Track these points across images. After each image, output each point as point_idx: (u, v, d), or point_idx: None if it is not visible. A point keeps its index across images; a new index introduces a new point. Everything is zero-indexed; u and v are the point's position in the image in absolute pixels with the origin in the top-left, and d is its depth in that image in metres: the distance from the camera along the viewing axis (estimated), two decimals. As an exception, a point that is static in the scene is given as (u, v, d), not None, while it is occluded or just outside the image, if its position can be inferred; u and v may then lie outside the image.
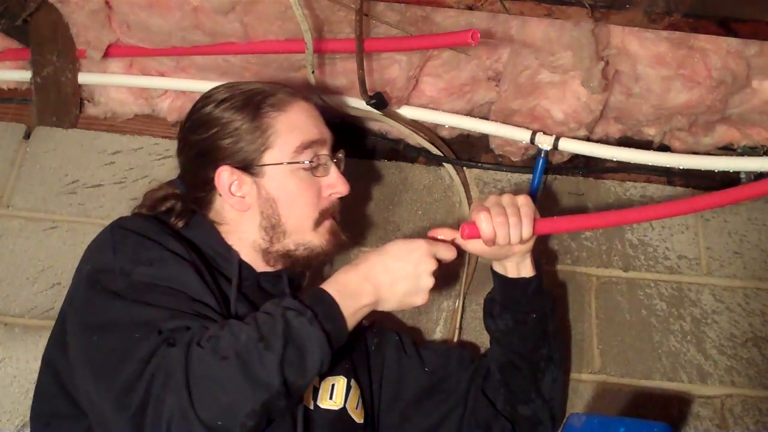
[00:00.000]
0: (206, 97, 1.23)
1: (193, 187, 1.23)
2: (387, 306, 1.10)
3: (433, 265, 1.11)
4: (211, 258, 1.17)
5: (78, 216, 1.68)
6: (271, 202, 1.18)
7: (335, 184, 1.23)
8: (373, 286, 1.07)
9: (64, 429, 1.07)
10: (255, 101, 1.19)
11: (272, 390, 0.93)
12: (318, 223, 1.21)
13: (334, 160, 1.24)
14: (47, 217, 1.68)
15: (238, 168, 1.18)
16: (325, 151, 1.23)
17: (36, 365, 1.50)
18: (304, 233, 1.20)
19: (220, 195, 1.19)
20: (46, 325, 1.56)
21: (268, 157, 1.18)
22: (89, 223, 1.67)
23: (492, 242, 1.16)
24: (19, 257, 1.63)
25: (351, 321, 1.05)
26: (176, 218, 1.21)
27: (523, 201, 1.18)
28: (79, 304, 1.05)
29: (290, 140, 1.19)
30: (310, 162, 1.19)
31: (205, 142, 1.19)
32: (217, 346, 0.93)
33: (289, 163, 1.18)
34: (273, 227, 1.18)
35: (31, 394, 1.47)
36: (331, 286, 1.05)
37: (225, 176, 1.17)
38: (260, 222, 1.19)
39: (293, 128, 1.20)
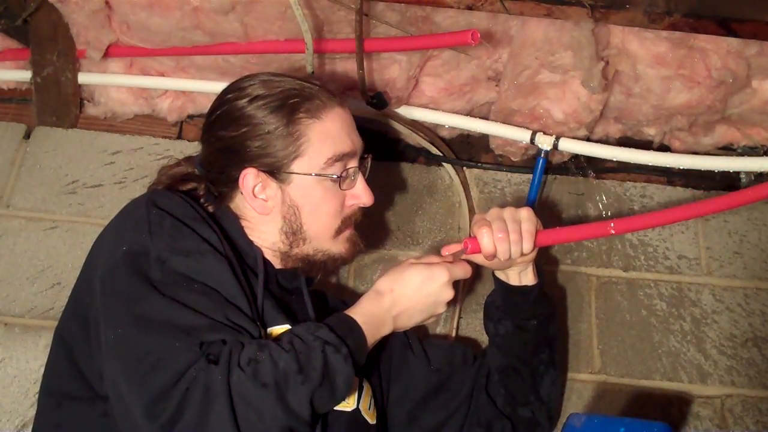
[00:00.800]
0: (240, 89, 1.17)
1: (216, 180, 1.20)
2: (405, 327, 1.15)
3: (451, 296, 1.14)
4: (239, 248, 1.16)
5: (78, 216, 1.68)
6: (295, 209, 1.16)
7: (360, 196, 1.22)
8: (394, 319, 1.11)
9: (76, 410, 1.06)
10: (291, 104, 1.15)
11: (301, 420, 0.96)
12: (339, 232, 1.20)
13: (361, 168, 1.23)
14: (47, 217, 1.68)
15: (264, 171, 1.15)
16: (354, 163, 1.20)
17: (36, 365, 1.52)
18: (324, 241, 1.19)
19: (242, 194, 1.17)
20: (46, 325, 1.56)
21: (296, 166, 1.15)
22: (89, 223, 1.67)
23: (493, 257, 1.16)
24: (19, 257, 1.63)
25: (371, 344, 1.09)
26: (205, 202, 1.20)
27: (525, 215, 1.18)
28: (115, 288, 1.01)
29: (322, 151, 1.16)
30: (338, 176, 1.17)
31: (233, 140, 1.15)
32: (257, 373, 0.94)
33: (317, 174, 1.16)
34: (294, 233, 1.17)
35: (31, 394, 1.49)
36: (359, 317, 1.07)
37: (250, 179, 1.15)
38: (281, 226, 1.17)
39: (326, 139, 1.16)
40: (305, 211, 1.17)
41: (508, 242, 1.15)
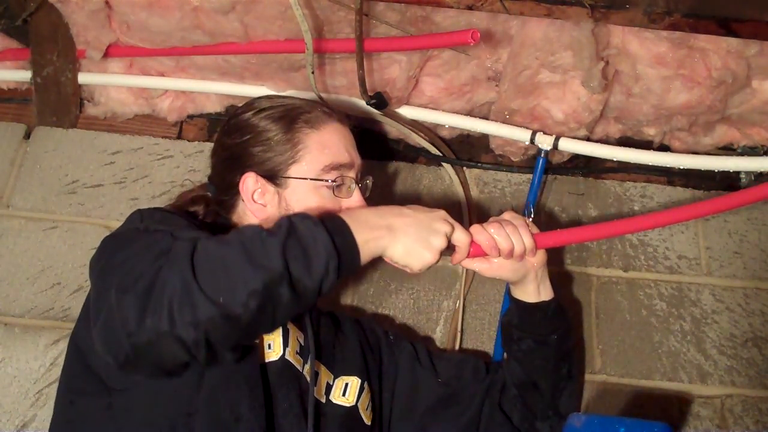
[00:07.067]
0: (247, 105, 1.27)
1: (219, 189, 1.25)
2: (397, 248, 1.06)
3: (448, 227, 1.10)
4: None
5: (78, 216, 1.68)
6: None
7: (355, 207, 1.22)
8: (386, 222, 1.05)
9: (85, 405, 1.07)
10: (291, 114, 1.21)
11: (273, 271, 0.93)
12: None
13: (360, 185, 1.24)
14: (47, 217, 1.68)
15: (263, 176, 1.19)
16: (351, 174, 1.22)
17: (36, 365, 1.52)
18: None
19: (243, 200, 1.21)
20: (46, 325, 1.56)
21: (294, 171, 1.19)
22: (89, 223, 1.67)
23: (495, 250, 1.17)
24: (19, 257, 1.63)
25: (363, 246, 1.02)
26: (203, 217, 1.24)
27: (509, 215, 1.21)
28: (101, 249, 1.05)
29: (319, 158, 1.19)
30: (333, 181, 1.19)
31: (236, 147, 1.22)
32: (223, 239, 0.96)
33: (313, 179, 1.18)
34: None
35: (31, 394, 1.49)
36: (340, 215, 1.05)
37: (250, 182, 1.19)
38: None
39: (324, 147, 1.20)
40: None
41: (504, 232, 1.17)
